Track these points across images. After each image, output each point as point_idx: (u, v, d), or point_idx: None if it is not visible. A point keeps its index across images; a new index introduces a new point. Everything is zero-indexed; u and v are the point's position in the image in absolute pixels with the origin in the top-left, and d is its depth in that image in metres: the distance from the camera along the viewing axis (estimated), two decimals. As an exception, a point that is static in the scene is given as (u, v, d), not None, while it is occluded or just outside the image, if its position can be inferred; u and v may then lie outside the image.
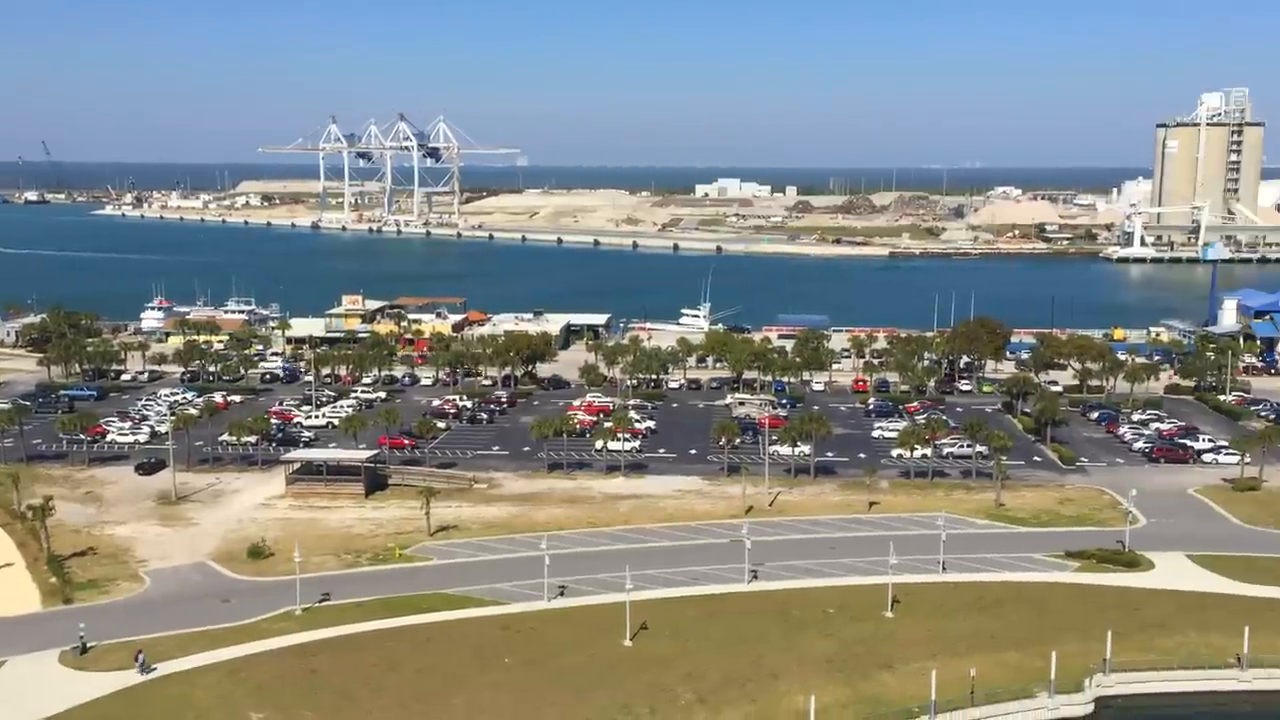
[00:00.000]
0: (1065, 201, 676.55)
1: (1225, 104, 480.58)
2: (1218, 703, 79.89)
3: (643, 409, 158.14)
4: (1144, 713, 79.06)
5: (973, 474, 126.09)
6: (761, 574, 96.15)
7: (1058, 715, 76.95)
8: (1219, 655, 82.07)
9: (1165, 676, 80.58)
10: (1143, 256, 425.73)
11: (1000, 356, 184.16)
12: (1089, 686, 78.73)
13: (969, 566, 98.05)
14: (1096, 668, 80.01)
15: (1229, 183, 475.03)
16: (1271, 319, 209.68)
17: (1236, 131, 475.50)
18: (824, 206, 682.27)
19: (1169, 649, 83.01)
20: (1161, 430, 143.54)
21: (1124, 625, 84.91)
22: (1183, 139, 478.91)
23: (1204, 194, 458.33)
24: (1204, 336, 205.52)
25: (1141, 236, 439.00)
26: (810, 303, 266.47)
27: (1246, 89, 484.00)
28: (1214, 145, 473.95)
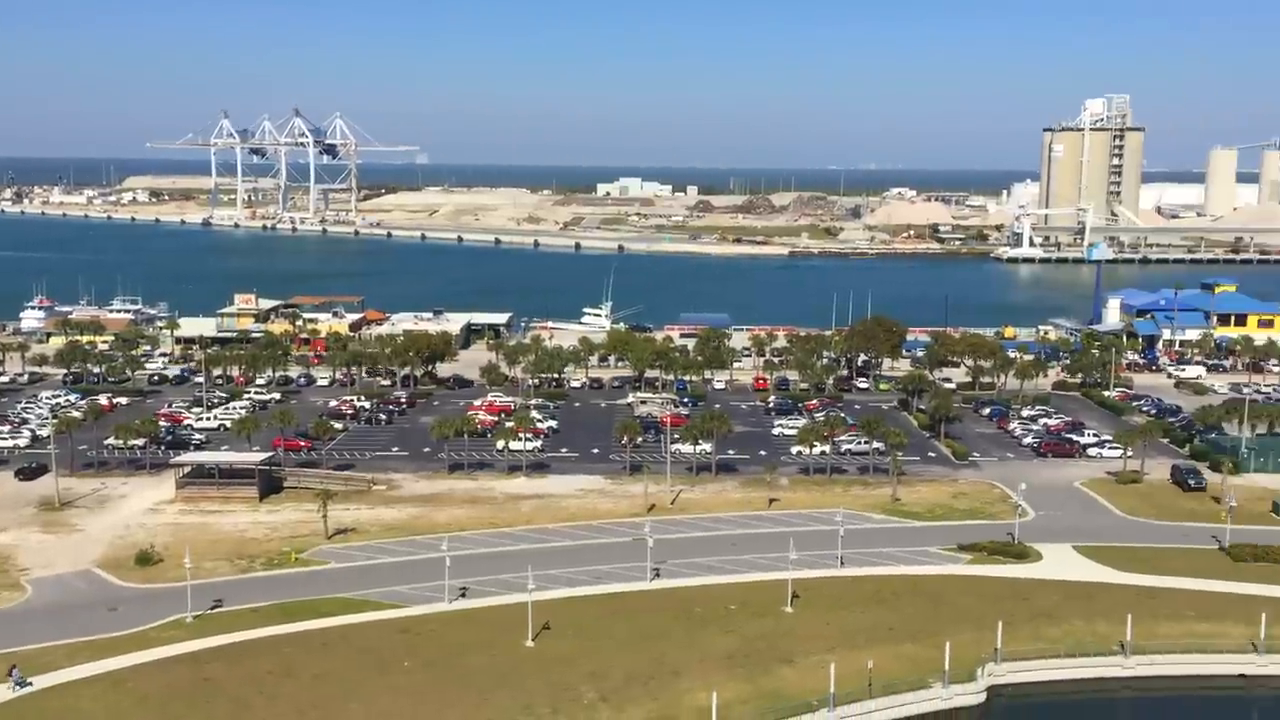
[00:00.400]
0: (958, 203, 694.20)
1: (1108, 110, 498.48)
2: (1102, 688, 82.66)
3: (544, 408, 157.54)
4: (1033, 700, 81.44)
5: (870, 470, 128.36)
6: (664, 572, 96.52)
7: (951, 705, 78.73)
8: (1103, 643, 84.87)
9: (1053, 664, 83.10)
10: (1031, 257, 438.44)
11: (896, 355, 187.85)
12: (981, 676, 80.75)
13: (867, 561, 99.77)
14: (988, 657, 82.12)
15: (1112, 186, 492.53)
16: (1153, 317, 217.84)
17: (1118, 136, 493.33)
18: (724, 206, 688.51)
19: (1056, 637, 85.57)
20: (1049, 426, 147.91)
21: (1014, 615, 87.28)
22: (1068, 143, 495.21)
23: (1088, 196, 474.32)
24: (1089, 334, 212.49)
25: (1030, 237, 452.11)
26: (711, 302, 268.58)
27: (1128, 96, 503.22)
28: (1097, 150, 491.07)
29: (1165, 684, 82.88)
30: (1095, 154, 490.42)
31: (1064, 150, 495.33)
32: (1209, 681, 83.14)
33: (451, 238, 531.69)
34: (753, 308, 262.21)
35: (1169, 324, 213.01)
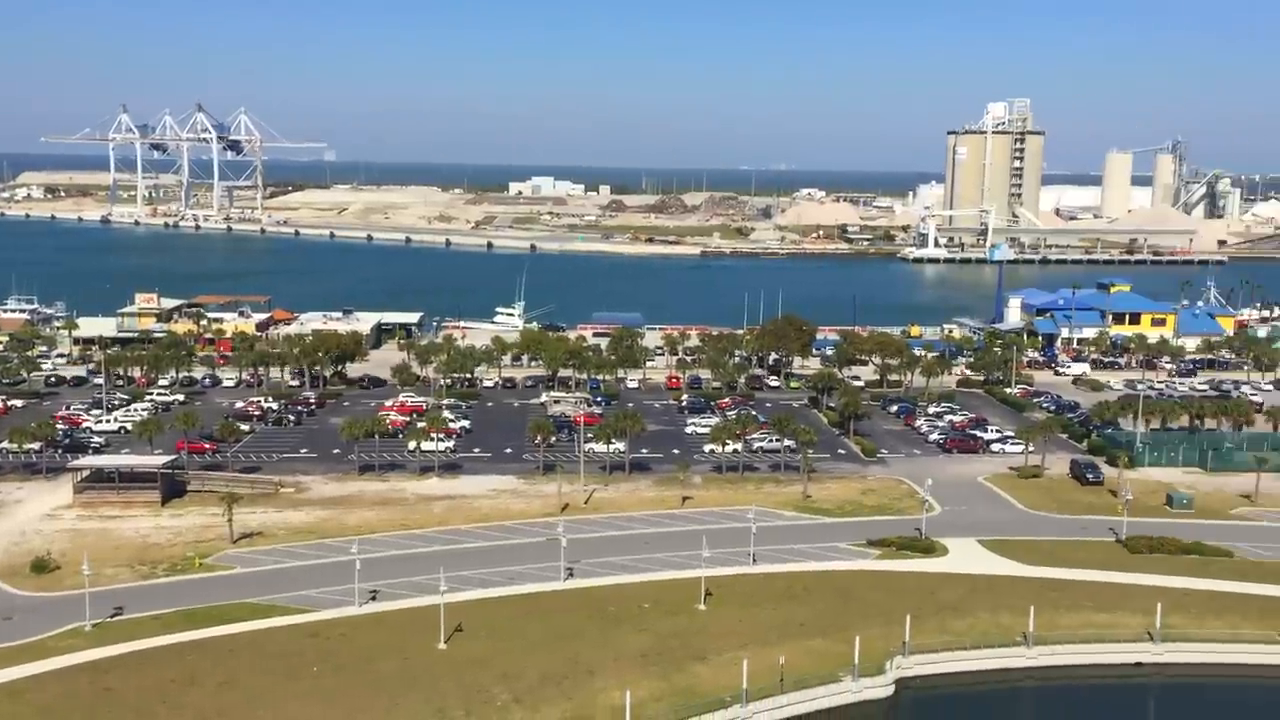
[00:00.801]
0: (865, 204, 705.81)
1: (1009, 113, 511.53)
2: (1006, 679, 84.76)
3: (457, 408, 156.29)
4: (940, 691, 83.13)
5: (781, 467, 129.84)
6: (577, 571, 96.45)
7: (861, 698, 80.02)
8: (1007, 634, 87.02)
9: (959, 656, 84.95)
10: (936, 257, 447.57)
11: (806, 353, 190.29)
12: (890, 669, 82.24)
13: (778, 557, 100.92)
14: (896, 650, 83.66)
15: (1013, 188, 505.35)
16: (1052, 316, 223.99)
17: (1019, 140, 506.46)
18: (637, 206, 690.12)
19: (962, 630, 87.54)
20: (954, 422, 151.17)
21: (922, 609, 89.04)
22: (971, 146, 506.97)
23: (991, 198, 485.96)
24: (992, 333, 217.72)
25: (935, 238, 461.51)
26: (624, 301, 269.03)
27: (1028, 100, 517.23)
28: (999, 152, 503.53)
29: (1066, 673, 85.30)
30: (997, 157, 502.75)
31: (967, 153, 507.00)
32: (1107, 670, 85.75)
33: (361, 236, 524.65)
34: (665, 307, 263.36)
35: (1067, 323, 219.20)
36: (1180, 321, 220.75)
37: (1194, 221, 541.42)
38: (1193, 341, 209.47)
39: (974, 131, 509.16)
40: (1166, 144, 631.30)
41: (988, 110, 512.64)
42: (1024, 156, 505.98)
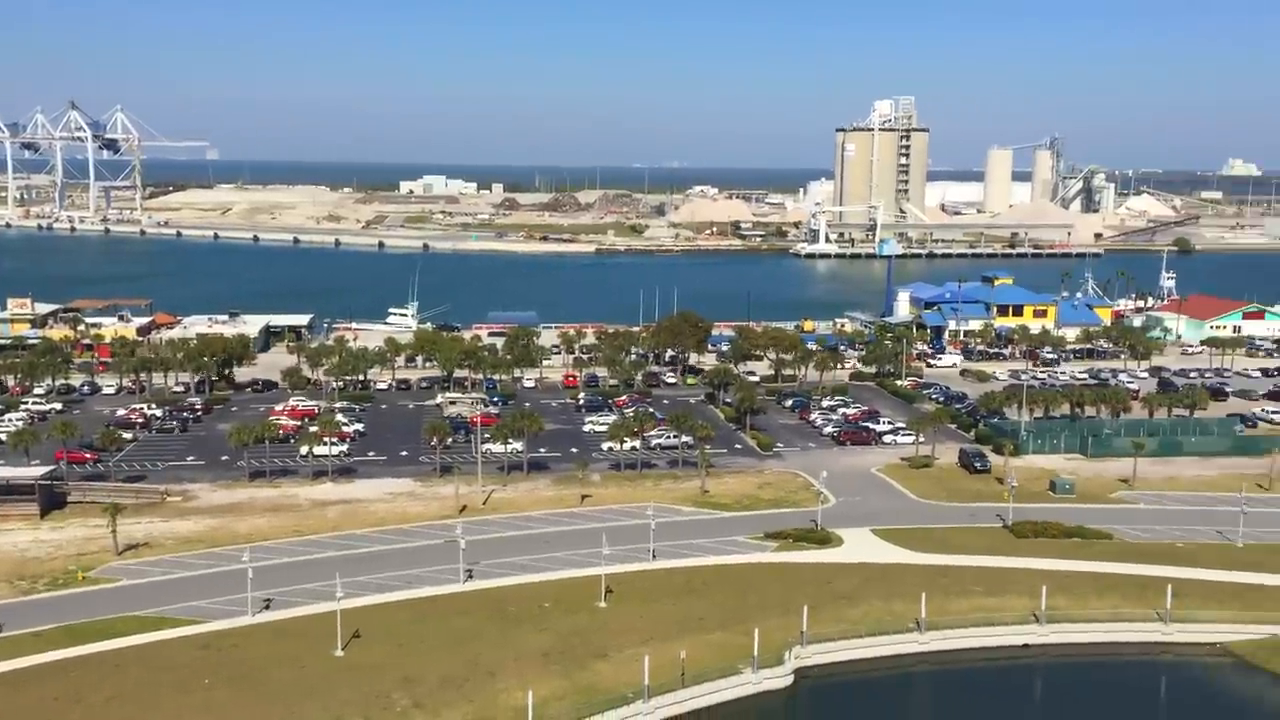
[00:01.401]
0: (758, 201, 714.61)
1: (895, 111, 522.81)
2: (900, 664, 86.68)
3: (350, 411, 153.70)
4: (837, 679, 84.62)
5: (680, 463, 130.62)
6: (477, 573, 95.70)
7: (761, 689, 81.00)
8: (900, 621, 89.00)
9: (855, 644, 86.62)
10: (827, 252, 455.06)
11: (702, 349, 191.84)
12: (788, 659, 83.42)
13: (678, 553, 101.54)
14: (795, 641, 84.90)
15: (900, 184, 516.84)
16: (939, 309, 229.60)
17: (905, 137, 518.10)
18: (531, 204, 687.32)
19: (857, 618, 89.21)
20: (847, 415, 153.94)
21: (818, 599, 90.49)
22: (859, 143, 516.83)
23: (879, 194, 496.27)
24: (882, 326, 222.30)
25: (826, 234, 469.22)
26: (519, 300, 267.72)
27: (913, 98, 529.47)
28: (886, 149, 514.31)
29: (957, 657, 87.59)
30: (884, 153, 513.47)
31: (855, 150, 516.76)
32: (996, 652, 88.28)
33: (247, 237, 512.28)
34: (561, 305, 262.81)
35: (954, 315, 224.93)
36: (1060, 312, 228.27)
37: (1072, 216, 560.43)
38: (1072, 332, 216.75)
39: (862, 129, 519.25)
40: (1045, 140, 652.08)
41: (874, 108, 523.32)
42: (910, 153, 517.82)
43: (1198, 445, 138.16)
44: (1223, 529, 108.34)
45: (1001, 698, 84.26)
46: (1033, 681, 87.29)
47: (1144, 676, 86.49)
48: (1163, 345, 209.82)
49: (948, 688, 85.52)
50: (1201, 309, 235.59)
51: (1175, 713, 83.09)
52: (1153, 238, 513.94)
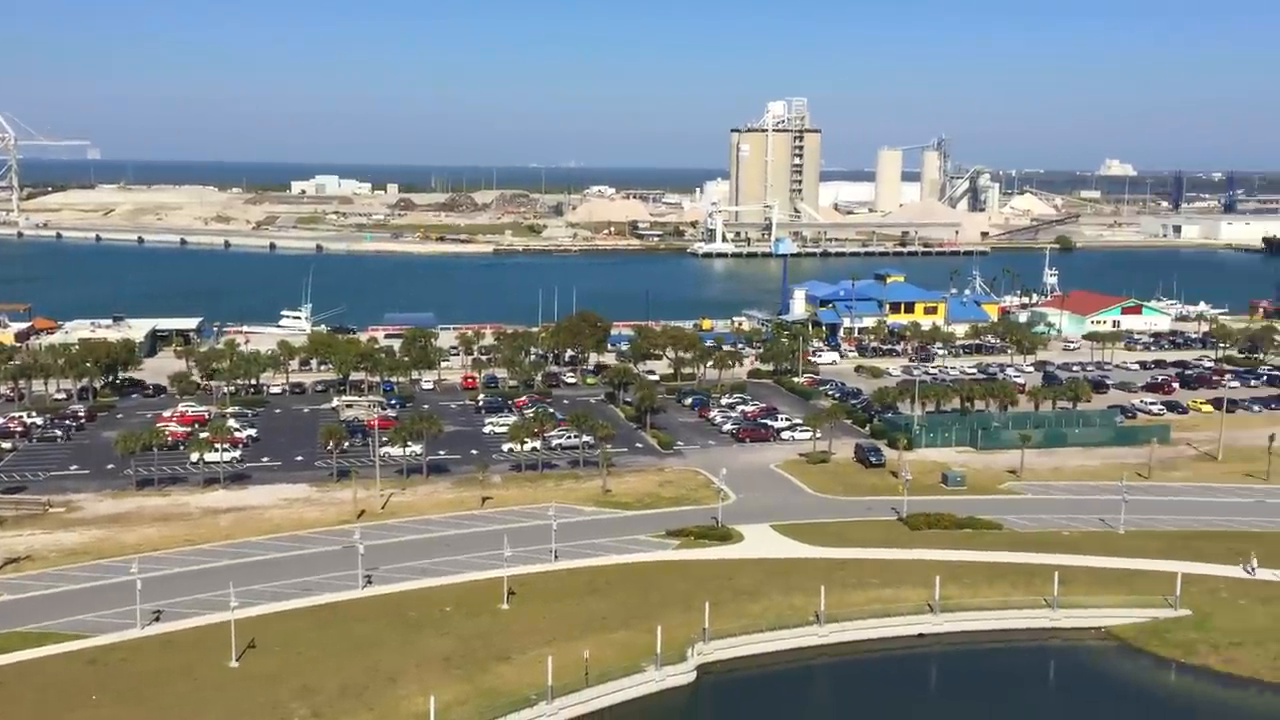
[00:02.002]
0: (655, 200, 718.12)
1: (788, 112, 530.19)
2: (800, 657, 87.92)
3: (242, 416, 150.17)
4: (739, 674, 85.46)
5: (581, 463, 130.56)
6: (376, 578, 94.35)
7: (664, 685, 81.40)
8: (800, 614, 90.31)
9: (756, 639, 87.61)
10: (724, 252, 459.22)
11: (602, 349, 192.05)
12: (691, 655, 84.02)
13: (580, 553, 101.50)
14: (697, 637, 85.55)
15: (794, 184, 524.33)
16: (834, 307, 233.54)
17: (798, 137, 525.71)
18: (427, 204, 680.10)
19: (759, 613, 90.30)
20: (746, 412, 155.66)
21: (720, 595, 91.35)
22: (754, 143, 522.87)
23: (774, 194, 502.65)
24: (779, 324, 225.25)
25: (722, 233, 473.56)
26: (416, 301, 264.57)
27: (805, 99, 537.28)
28: (780, 150, 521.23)
29: (855, 648, 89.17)
30: (778, 154, 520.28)
31: (750, 150, 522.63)
32: (893, 642, 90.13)
33: (131, 239, 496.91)
34: (459, 306, 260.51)
35: (848, 313, 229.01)
36: (950, 309, 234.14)
37: (959, 215, 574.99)
38: (962, 328, 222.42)
39: (756, 130, 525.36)
40: (932, 142, 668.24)
41: (768, 109, 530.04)
42: (803, 153, 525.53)
43: (1081, 436, 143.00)
44: (1105, 517, 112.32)
45: (898, 686, 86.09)
46: (928, 669, 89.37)
47: (1033, 661, 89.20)
48: (1047, 340, 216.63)
49: (847, 678, 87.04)
50: (1082, 305, 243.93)
51: (1063, 695, 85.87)
52: (1036, 236, 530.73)
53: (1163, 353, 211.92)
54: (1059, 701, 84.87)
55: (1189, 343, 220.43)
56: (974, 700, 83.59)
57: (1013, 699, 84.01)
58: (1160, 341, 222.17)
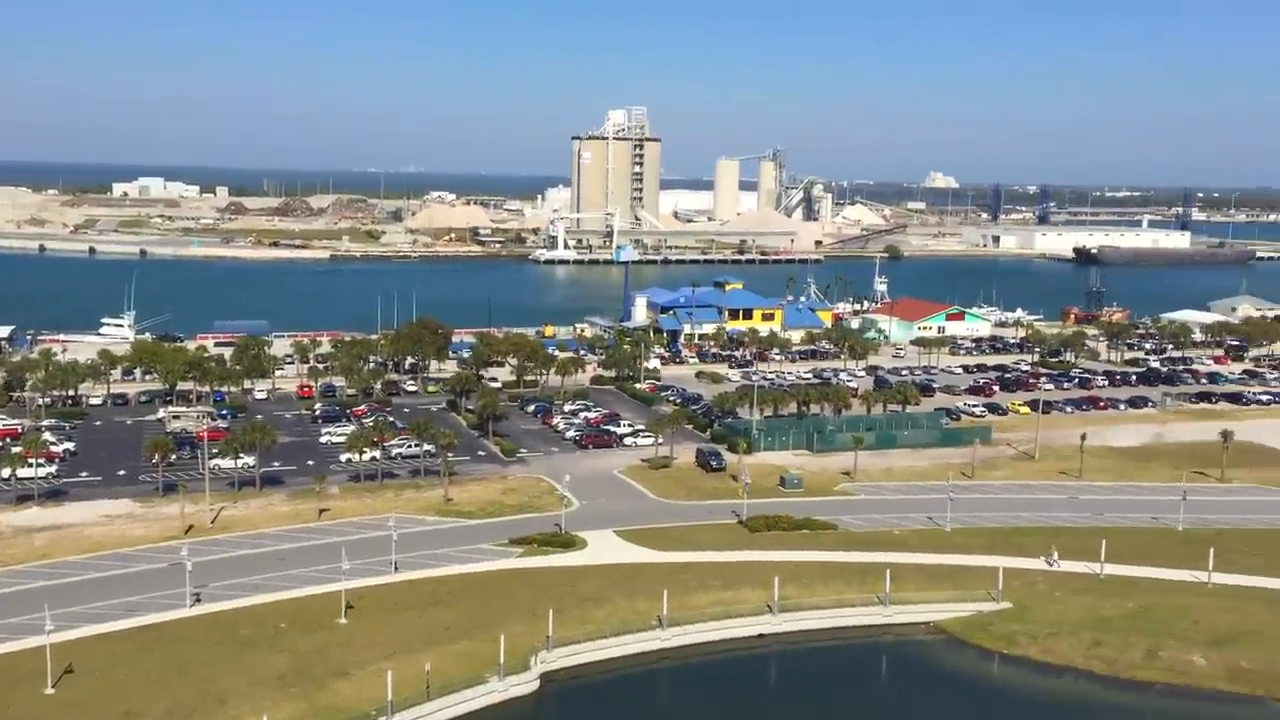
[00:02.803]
0: (496, 207, 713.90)
1: (629, 120, 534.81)
2: (643, 662, 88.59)
3: (59, 429, 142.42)
4: (582, 681, 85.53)
5: (422, 472, 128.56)
6: (205, 596, 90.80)
7: (508, 696, 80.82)
8: (643, 619, 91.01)
9: (600, 645, 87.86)
10: (566, 259, 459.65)
11: (443, 356, 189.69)
12: (534, 664, 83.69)
13: (422, 564, 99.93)
14: (540, 646, 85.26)
15: (634, 191, 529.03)
16: (674, 314, 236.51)
17: (639, 146, 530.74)
18: (259, 209, 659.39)
19: (602, 619, 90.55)
20: (589, 419, 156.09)
21: (564, 602, 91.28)
22: (594, 151, 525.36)
23: (615, 201, 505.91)
24: (621, 331, 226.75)
25: (564, 240, 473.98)
26: (249, 308, 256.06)
27: (645, 108, 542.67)
28: (620, 158, 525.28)
29: (697, 650, 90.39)
30: (619, 162, 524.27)
31: (591, 157, 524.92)
32: (734, 643, 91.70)
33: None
34: (294, 313, 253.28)
35: (689, 319, 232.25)
36: (786, 316, 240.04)
37: (794, 224, 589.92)
38: (798, 334, 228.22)
39: (597, 137, 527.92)
40: (768, 152, 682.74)
41: (609, 117, 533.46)
42: (644, 162, 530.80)
43: (910, 438, 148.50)
44: (933, 515, 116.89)
45: (739, 687, 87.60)
46: (767, 669, 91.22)
47: (867, 657, 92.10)
48: (877, 346, 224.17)
49: (688, 681, 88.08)
50: (910, 311, 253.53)
51: (895, 688, 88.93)
52: (866, 245, 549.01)
53: (984, 357, 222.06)
54: (891, 695, 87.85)
55: (1008, 347, 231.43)
56: (811, 697, 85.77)
57: (848, 694, 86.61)
58: (982, 346, 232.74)
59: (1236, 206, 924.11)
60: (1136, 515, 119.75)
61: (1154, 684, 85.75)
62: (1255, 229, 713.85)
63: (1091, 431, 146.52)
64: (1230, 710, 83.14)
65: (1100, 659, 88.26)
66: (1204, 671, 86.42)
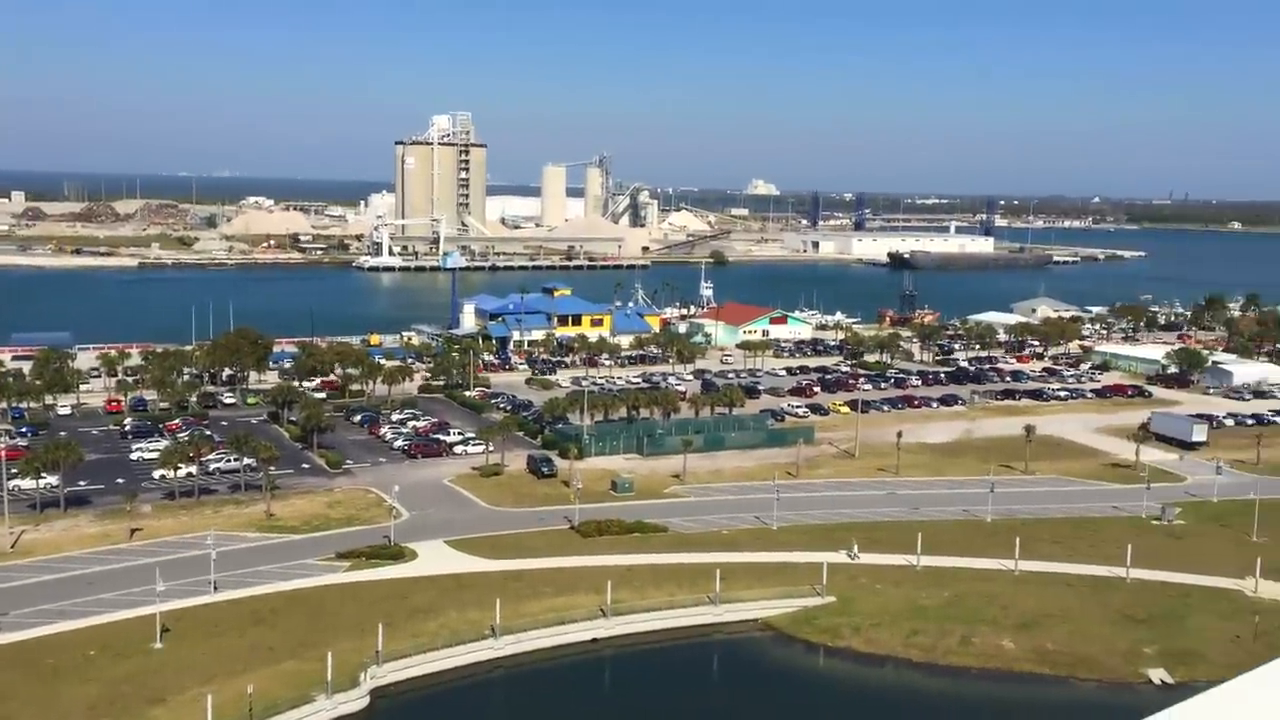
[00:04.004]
0: (318, 213, 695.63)
1: (453, 126, 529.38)
2: (478, 672, 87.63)
3: None
4: (415, 694, 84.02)
5: (242, 487, 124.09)
6: (5, 625, 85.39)
7: (336, 714, 78.68)
8: (477, 629, 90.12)
9: (432, 657, 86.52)
10: (391, 266, 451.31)
11: (263, 367, 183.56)
12: (364, 680, 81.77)
13: (243, 582, 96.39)
14: (370, 661, 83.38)
15: (461, 198, 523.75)
16: (503, 321, 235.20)
17: (464, 151, 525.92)
18: (59, 214, 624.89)
19: (434, 631, 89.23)
20: (418, 428, 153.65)
21: (394, 615, 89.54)
22: (419, 156, 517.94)
23: (441, 207, 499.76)
24: (449, 339, 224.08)
25: (389, 247, 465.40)
26: (50, 319, 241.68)
27: (470, 113, 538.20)
28: (446, 163, 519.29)
29: (532, 658, 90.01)
30: (444, 167, 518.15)
31: (416, 163, 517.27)
32: (568, 649, 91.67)
33: None
34: (100, 324, 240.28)
35: (518, 326, 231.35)
36: (615, 321, 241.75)
37: (621, 230, 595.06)
38: (627, 339, 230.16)
39: (421, 142, 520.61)
40: (595, 159, 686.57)
41: (433, 122, 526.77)
42: (469, 167, 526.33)
43: (737, 440, 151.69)
44: (760, 514, 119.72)
45: (573, 692, 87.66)
46: (602, 673, 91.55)
47: (698, 656, 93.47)
48: (704, 350, 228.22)
49: (523, 689, 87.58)
50: (735, 316, 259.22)
51: (726, 685, 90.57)
52: (692, 250, 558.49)
53: (806, 359, 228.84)
54: (722, 692, 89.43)
55: (829, 350, 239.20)
56: (645, 699, 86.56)
57: (680, 694, 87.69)
58: (804, 349, 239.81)
59: (1034, 213, 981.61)
60: (949, 508, 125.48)
61: (968, 669, 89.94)
62: (1051, 234, 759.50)
63: (907, 429, 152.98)
64: (1038, 690, 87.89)
65: (918, 647, 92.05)
66: (1013, 654, 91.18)
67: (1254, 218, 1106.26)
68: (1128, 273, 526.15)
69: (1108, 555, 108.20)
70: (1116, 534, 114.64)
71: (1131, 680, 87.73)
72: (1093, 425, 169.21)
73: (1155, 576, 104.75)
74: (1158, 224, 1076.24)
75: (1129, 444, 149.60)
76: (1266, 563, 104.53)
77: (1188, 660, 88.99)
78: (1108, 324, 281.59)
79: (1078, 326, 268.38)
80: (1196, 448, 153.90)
